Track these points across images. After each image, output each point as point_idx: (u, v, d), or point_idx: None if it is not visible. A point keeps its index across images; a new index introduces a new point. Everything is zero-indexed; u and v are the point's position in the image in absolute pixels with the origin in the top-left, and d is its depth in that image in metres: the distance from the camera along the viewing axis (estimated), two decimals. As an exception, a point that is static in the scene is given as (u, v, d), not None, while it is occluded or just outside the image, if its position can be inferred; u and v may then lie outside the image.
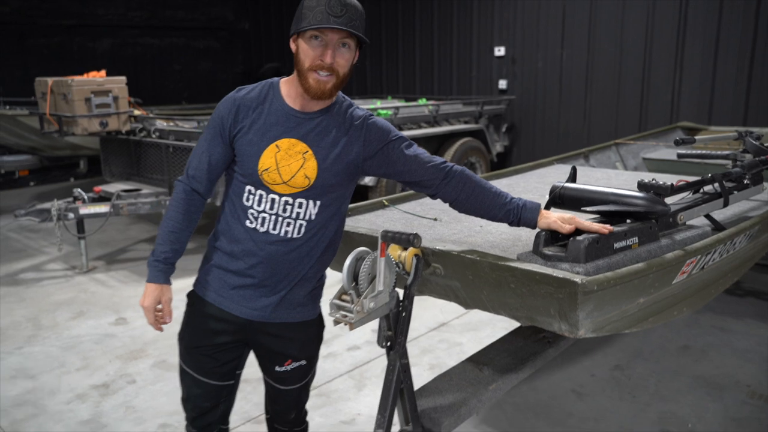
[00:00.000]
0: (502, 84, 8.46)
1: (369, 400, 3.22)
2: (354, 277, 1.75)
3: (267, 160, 1.70)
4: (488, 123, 7.72)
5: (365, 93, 10.03)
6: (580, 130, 7.77)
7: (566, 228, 1.76)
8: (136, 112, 5.67)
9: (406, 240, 1.69)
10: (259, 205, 1.74)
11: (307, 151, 1.71)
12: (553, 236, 1.80)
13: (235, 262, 1.79)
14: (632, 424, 2.96)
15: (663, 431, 2.89)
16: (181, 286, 2.14)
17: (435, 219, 2.52)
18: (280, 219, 1.73)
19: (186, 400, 1.94)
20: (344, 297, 1.76)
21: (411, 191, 2.99)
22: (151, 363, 3.68)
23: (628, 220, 1.94)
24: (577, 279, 1.55)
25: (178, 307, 1.85)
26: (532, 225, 1.83)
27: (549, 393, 3.25)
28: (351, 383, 3.38)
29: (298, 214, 1.74)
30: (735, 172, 2.45)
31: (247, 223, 1.75)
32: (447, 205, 1.89)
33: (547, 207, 1.98)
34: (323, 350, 3.70)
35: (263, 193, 1.73)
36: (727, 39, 6.46)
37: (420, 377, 3.17)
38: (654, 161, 4.64)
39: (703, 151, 2.89)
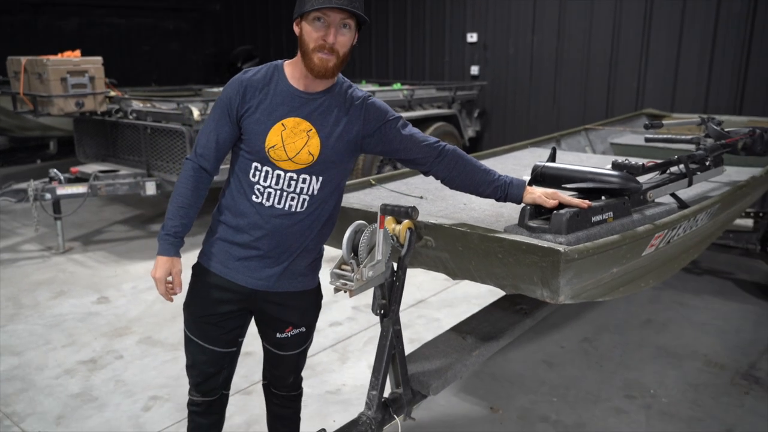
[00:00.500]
0: (474, 70, 8.62)
1: (352, 372, 3.36)
2: (353, 248, 1.87)
3: (273, 137, 1.80)
4: (461, 108, 7.88)
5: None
6: (550, 115, 7.99)
7: (550, 203, 1.92)
8: (112, 93, 5.65)
9: (405, 212, 1.82)
10: (265, 180, 1.83)
11: (311, 129, 1.81)
12: (536, 210, 1.95)
13: (240, 235, 1.88)
14: (599, 390, 3.17)
15: (627, 396, 3.11)
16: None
17: (421, 197, 2.66)
18: (284, 194, 1.83)
19: (191, 367, 2.04)
20: (344, 267, 1.88)
21: (396, 171, 3.13)
22: (136, 339, 3.75)
23: (603, 197, 2.11)
24: (560, 248, 1.70)
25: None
26: (518, 200, 1.98)
27: (522, 364, 3.44)
28: (335, 356, 3.52)
29: (301, 189, 1.84)
30: (698, 155, 2.65)
31: (253, 197, 1.84)
32: (431, 183, 2.04)
33: (530, 184, 2.13)
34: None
35: (269, 169, 1.82)
36: (690, 29, 6.73)
37: (402, 349, 3.33)
38: (621, 146, 4.86)
39: (669, 136, 3.09)
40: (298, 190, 1.84)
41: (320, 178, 1.85)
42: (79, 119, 6.12)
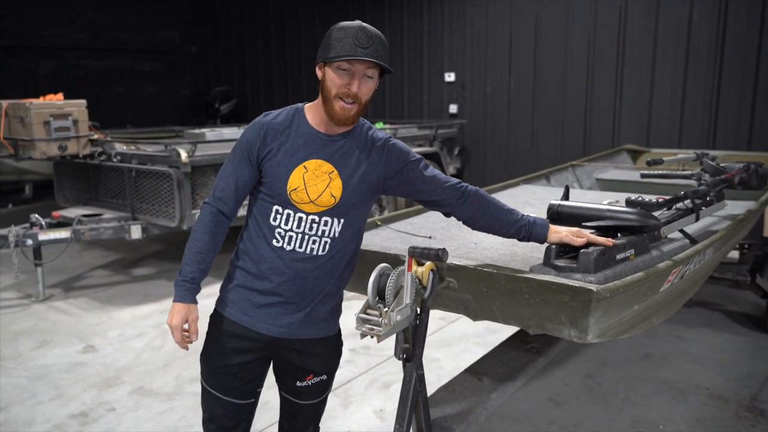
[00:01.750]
0: (453, 108, 8.74)
1: (356, 417, 3.28)
2: (378, 292, 1.84)
3: (295, 180, 1.78)
4: (442, 146, 7.96)
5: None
6: (528, 152, 8.11)
7: (578, 241, 1.92)
8: (95, 136, 5.56)
9: (435, 255, 1.80)
10: (286, 224, 1.81)
11: (332, 171, 1.81)
12: (560, 249, 1.95)
13: (260, 281, 1.84)
14: (608, 428, 3.14)
15: (638, 433, 3.09)
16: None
17: (429, 237, 2.64)
18: (306, 237, 1.81)
19: (209, 421, 1.96)
20: (369, 311, 1.84)
21: (399, 211, 3.11)
22: (128, 390, 3.61)
23: (619, 234, 2.12)
24: (593, 287, 1.69)
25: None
26: (543, 240, 1.97)
27: (529, 402, 3.40)
28: (336, 401, 3.43)
29: (323, 231, 1.82)
30: (702, 190, 2.69)
31: (274, 242, 1.82)
32: (437, 223, 2.05)
33: (546, 223, 2.13)
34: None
35: (291, 212, 1.80)
36: (662, 67, 6.95)
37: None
38: (606, 181, 4.94)
39: (665, 172, 3.15)
40: (320, 233, 1.82)
41: (342, 221, 1.83)
42: (59, 162, 6.00)
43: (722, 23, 6.50)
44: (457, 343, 4.24)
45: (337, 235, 1.84)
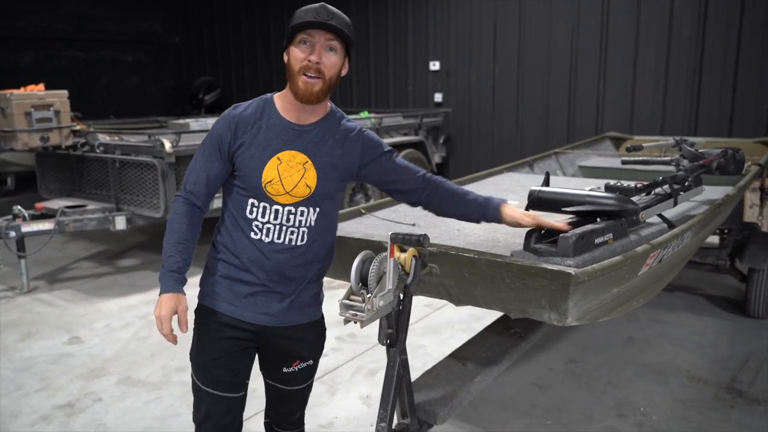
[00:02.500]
0: (438, 97, 8.75)
1: (343, 404, 3.31)
2: (361, 278, 1.86)
3: (270, 172, 1.78)
4: (427, 135, 7.98)
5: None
6: (513, 140, 8.15)
7: (527, 221, 1.95)
8: (77, 127, 5.52)
9: (417, 240, 1.82)
10: (263, 216, 1.81)
11: (306, 162, 1.80)
12: (541, 235, 1.98)
13: (243, 272, 1.85)
14: (592, 411, 3.20)
15: (620, 415, 3.14)
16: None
17: (413, 224, 2.66)
18: (284, 228, 1.81)
19: (205, 421, 1.91)
20: (353, 297, 1.86)
21: (383, 199, 3.13)
22: (115, 380, 3.61)
23: (598, 219, 2.15)
24: (571, 271, 1.72)
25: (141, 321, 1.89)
26: (497, 218, 1.98)
27: (513, 387, 3.45)
28: (323, 389, 3.46)
29: (300, 221, 1.82)
30: (680, 176, 2.74)
31: (252, 234, 1.81)
32: (421, 210, 2.07)
33: (526, 209, 2.16)
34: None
35: (266, 204, 1.80)
36: (644, 55, 7.00)
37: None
38: (589, 168, 4.98)
39: (646, 158, 3.19)
40: (297, 224, 1.82)
41: (317, 209, 1.84)
42: (42, 154, 5.95)
43: (703, 11, 6.55)
44: (443, 330, 4.28)
45: (313, 224, 1.85)
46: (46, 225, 4.95)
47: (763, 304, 4.27)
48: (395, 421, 2.18)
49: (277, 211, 1.80)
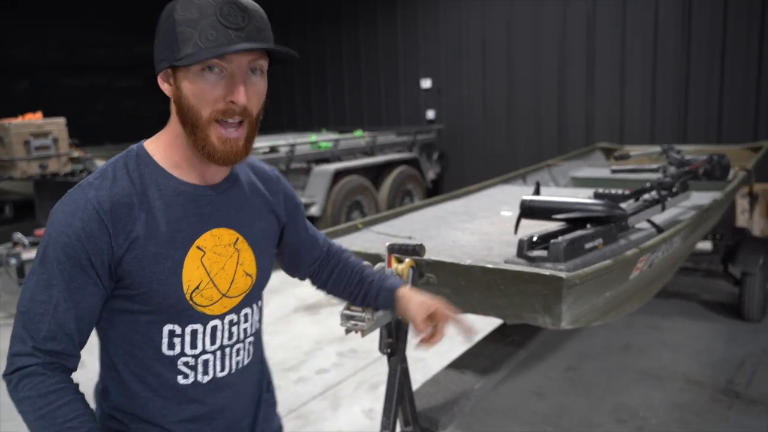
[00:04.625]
0: (430, 114, 8.87)
1: (346, 418, 3.34)
2: (360, 289, 1.91)
3: (193, 273, 1.15)
4: (421, 152, 8.08)
5: (296, 127, 10.20)
6: (505, 154, 8.25)
7: (422, 327, 1.53)
8: (75, 154, 5.59)
9: (413, 250, 1.88)
10: (193, 347, 1.19)
11: (237, 239, 1.22)
12: (533, 242, 2.05)
13: None
14: (591, 416, 3.24)
15: (619, 420, 3.19)
16: None
17: (409, 237, 2.72)
18: (227, 351, 1.23)
19: None
20: (353, 308, 1.91)
21: (379, 214, 3.20)
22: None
23: (588, 225, 2.23)
24: (562, 275, 1.79)
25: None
26: (390, 304, 1.60)
27: (512, 396, 3.49)
28: (326, 404, 3.49)
29: (245, 331, 1.27)
30: (667, 182, 2.82)
31: (180, 379, 1.19)
32: (416, 224, 2.03)
33: (519, 218, 2.23)
34: (294, 375, 3.81)
35: (197, 326, 1.18)
36: (631, 66, 7.14)
37: (394, 391, 3.34)
38: (581, 179, 5.07)
39: (634, 167, 3.27)
40: (242, 336, 1.26)
41: (259, 303, 1.33)
42: (40, 181, 6.00)
43: (687, 21, 6.70)
44: (443, 342, 4.30)
45: (257, 325, 1.33)
46: (46, 251, 4.99)
47: (757, 307, 4.33)
48: (398, 430, 2.22)
49: (214, 329, 1.21)
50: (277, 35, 1.16)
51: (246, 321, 1.26)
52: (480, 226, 3.01)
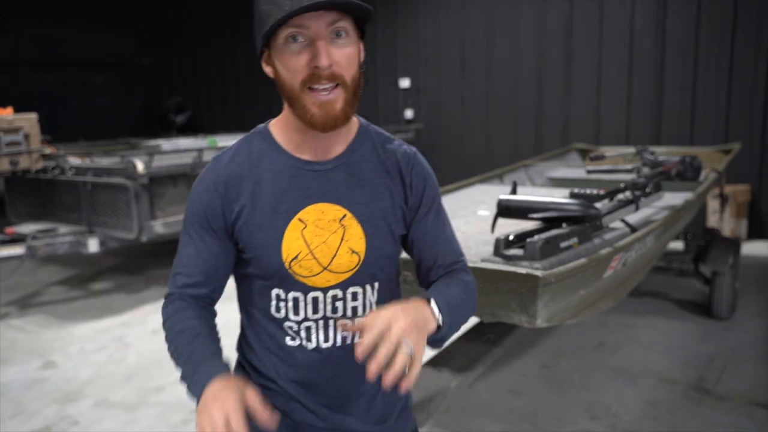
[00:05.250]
0: (409, 114, 8.89)
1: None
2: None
3: (293, 243, 1.20)
4: (399, 151, 8.07)
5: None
6: (484, 153, 8.31)
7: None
8: (47, 150, 5.48)
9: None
10: (296, 313, 1.24)
11: (344, 215, 1.22)
12: (510, 241, 2.06)
13: (288, 401, 1.29)
14: (566, 414, 3.28)
15: (593, 417, 3.23)
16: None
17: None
18: (331, 323, 1.25)
19: None
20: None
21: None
22: (91, 403, 3.58)
23: (564, 224, 2.25)
24: (538, 273, 1.81)
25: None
26: None
27: (489, 394, 3.52)
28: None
29: (354, 309, 1.25)
30: (641, 182, 2.86)
31: (288, 340, 1.25)
32: None
33: (496, 217, 2.25)
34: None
35: (299, 294, 1.23)
36: (608, 69, 7.23)
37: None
38: (558, 179, 5.13)
39: (609, 167, 3.32)
40: (350, 314, 1.25)
41: (376, 285, 1.27)
42: (10, 178, 5.89)
43: (662, 26, 6.81)
44: (419, 341, 4.32)
45: (374, 307, 1.27)
46: (17, 249, 4.90)
47: (726, 306, 4.41)
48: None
49: (315, 300, 1.23)
50: (250, 36, 1.17)
51: (355, 300, 1.25)
52: (457, 225, 3.03)
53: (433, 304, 1.15)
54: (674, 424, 3.12)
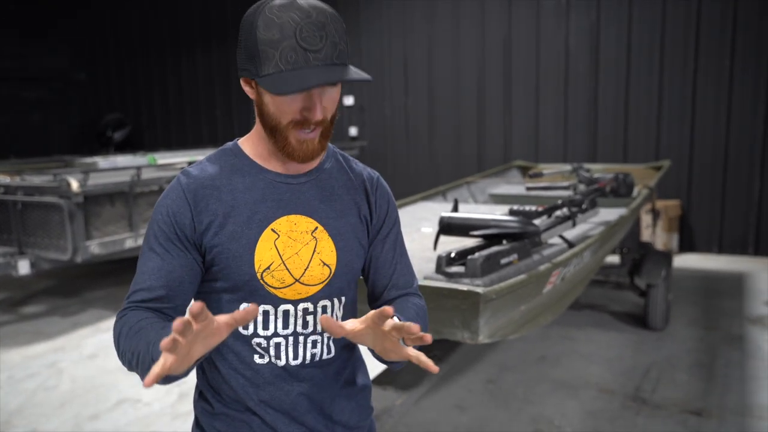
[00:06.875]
0: (353, 131, 8.93)
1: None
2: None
3: (265, 254, 1.20)
4: (344, 168, 8.09)
5: (216, 141, 9.99)
6: (428, 170, 8.41)
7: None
8: (-25, 168, 5.24)
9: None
10: (265, 327, 1.22)
11: (316, 228, 1.24)
12: (451, 258, 2.09)
13: (252, 417, 1.26)
14: (510, 427, 3.32)
15: (536, 430, 3.28)
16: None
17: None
18: (300, 339, 1.24)
19: None
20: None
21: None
22: (20, 434, 3.41)
23: (504, 241, 2.30)
24: (479, 290, 1.84)
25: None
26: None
27: (435, 411, 3.52)
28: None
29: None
30: (577, 199, 2.95)
31: (257, 358, 1.23)
32: None
33: (438, 234, 2.27)
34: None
35: (269, 307, 1.22)
36: (545, 89, 7.47)
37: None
38: (499, 196, 5.24)
39: (547, 184, 3.42)
40: (319, 329, 1.25)
41: (342, 299, 1.29)
42: (-67, 198, 5.58)
43: (595, 47, 7.10)
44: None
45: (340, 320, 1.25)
46: (-60, 273, 4.63)
47: (660, 317, 4.58)
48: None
49: (286, 313, 1.23)
50: (203, 51, 1.15)
51: (324, 314, 1.24)
52: (401, 242, 3.05)
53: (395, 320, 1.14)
54: (613, 434, 3.20)
